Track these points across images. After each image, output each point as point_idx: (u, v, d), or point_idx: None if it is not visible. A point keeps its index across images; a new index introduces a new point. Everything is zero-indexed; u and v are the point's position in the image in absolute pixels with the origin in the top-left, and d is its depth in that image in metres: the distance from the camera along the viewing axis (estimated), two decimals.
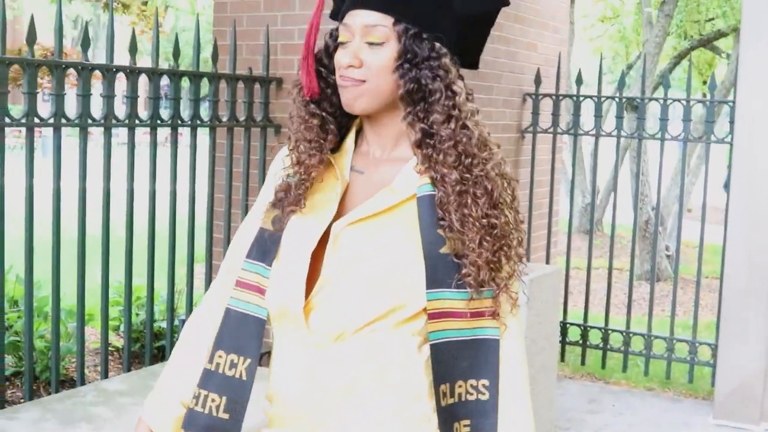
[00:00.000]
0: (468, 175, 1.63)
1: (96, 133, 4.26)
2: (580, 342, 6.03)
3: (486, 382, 1.61)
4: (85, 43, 3.99)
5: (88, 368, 5.32)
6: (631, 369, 6.12)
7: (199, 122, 4.56)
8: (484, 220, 1.60)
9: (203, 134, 4.82)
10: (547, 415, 4.70)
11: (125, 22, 11.97)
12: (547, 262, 6.00)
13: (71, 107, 3.96)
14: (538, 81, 6.11)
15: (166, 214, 4.45)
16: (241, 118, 4.84)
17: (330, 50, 1.70)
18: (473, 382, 1.60)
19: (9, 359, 5.14)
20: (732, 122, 5.32)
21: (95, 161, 4.03)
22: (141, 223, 4.31)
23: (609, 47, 16.28)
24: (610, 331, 5.95)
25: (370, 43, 1.62)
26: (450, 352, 1.59)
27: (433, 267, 1.59)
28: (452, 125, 1.65)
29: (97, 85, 4.10)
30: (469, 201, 1.61)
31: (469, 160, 1.65)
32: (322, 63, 1.72)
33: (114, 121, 4.10)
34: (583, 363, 6.06)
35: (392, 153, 1.71)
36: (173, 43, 4.47)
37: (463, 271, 1.58)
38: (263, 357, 4.90)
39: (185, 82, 4.60)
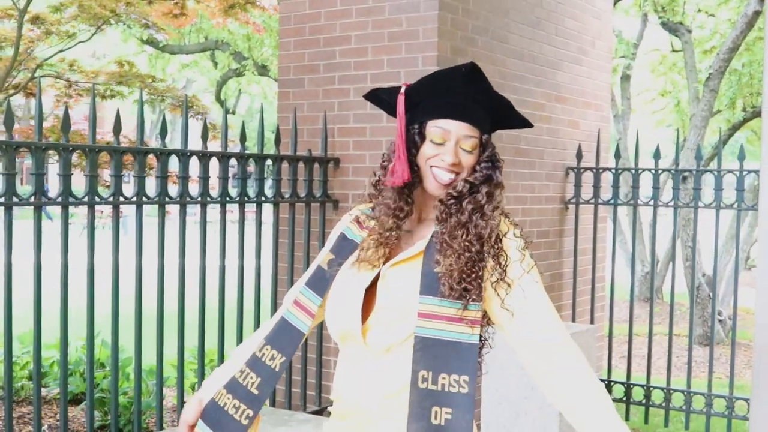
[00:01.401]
0: (472, 221, 2.14)
1: (173, 212, 4.80)
2: (624, 399, 6.38)
3: (466, 377, 2.07)
4: (163, 131, 4.58)
5: (165, 423, 5.83)
6: (674, 425, 6.43)
7: (263, 199, 5.11)
8: (457, 246, 2.10)
9: (266, 209, 5.36)
10: None
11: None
12: (592, 324, 6.38)
13: (150, 188, 4.54)
14: (579, 155, 6.56)
15: (234, 282, 4.98)
16: (302, 195, 5.38)
17: (418, 145, 2.21)
18: (458, 377, 2.06)
19: (95, 413, 5.69)
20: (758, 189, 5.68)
21: (172, 237, 4.57)
22: (212, 287, 4.83)
23: (672, 120, 16.63)
24: (651, 389, 6.29)
25: (466, 149, 2.17)
26: (431, 346, 2.07)
27: (426, 280, 2.11)
28: (486, 196, 2.18)
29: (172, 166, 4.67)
30: (463, 232, 2.13)
31: (482, 215, 2.16)
32: (411, 153, 2.22)
33: (188, 199, 4.66)
34: (627, 419, 6.39)
35: (429, 215, 2.25)
36: (240, 128, 5.05)
37: (442, 280, 2.09)
38: (324, 411, 5.33)
39: (251, 164, 5.15)
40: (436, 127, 2.17)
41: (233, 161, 4.97)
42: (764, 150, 5.50)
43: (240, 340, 5.07)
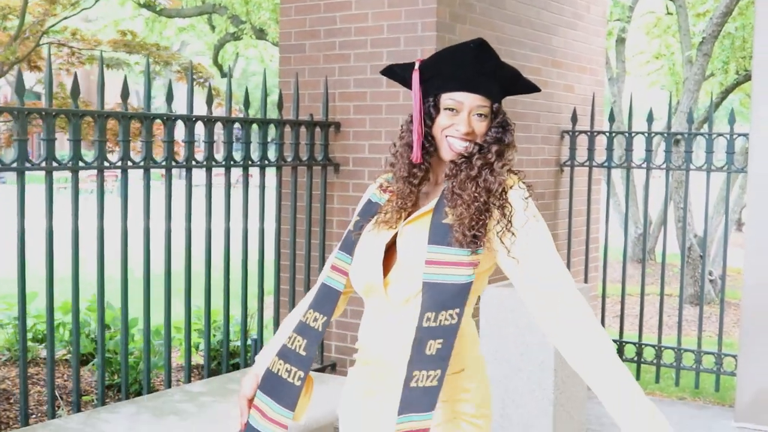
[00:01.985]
0: (481, 175, 2.31)
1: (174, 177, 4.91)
2: None
3: (457, 310, 2.24)
4: (169, 97, 4.69)
5: (173, 382, 5.98)
6: (664, 381, 6.63)
7: (267, 162, 5.23)
8: (467, 196, 2.27)
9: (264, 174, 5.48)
10: (578, 418, 5.23)
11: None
12: (586, 283, 6.55)
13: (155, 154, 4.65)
14: (574, 119, 6.69)
15: (239, 243, 5.11)
16: (304, 158, 5.51)
17: (433, 117, 2.38)
18: (451, 311, 2.24)
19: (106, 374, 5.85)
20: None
21: (178, 201, 4.70)
22: (218, 253, 4.97)
23: (666, 83, 16.76)
24: (643, 346, 6.48)
25: (479, 115, 2.34)
26: (437, 290, 2.25)
27: (435, 230, 2.30)
28: (496, 155, 2.35)
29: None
30: (472, 185, 2.30)
31: (490, 169, 2.33)
32: (426, 124, 2.40)
33: (194, 163, 4.79)
34: None
35: (442, 177, 2.42)
36: (244, 94, 5.17)
37: (454, 228, 2.27)
38: (326, 369, 5.48)
39: (255, 128, 5.27)
40: (450, 99, 2.34)
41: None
42: (754, 114, 5.65)
43: (245, 300, 5.22)
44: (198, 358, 6.53)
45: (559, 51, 6.70)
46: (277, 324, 5.54)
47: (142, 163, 4.53)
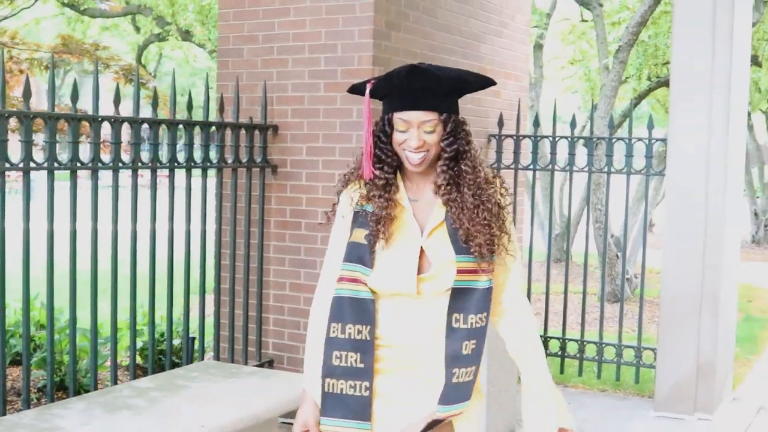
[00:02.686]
0: (477, 199, 2.61)
1: (122, 177, 5.01)
2: None
3: (485, 314, 2.58)
4: (117, 100, 4.79)
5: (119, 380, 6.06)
6: (587, 374, 6.94)
7: (209, 164, 5.37)
8: (480, 226, 2.59)
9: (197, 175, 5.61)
10: (509, 409, 5.49)
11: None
12: None
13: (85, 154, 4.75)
14: (501, 123, 6.96)
15: (182, 245, 5.23)
16: (244, 160, 5.66)
17: (388, 133, 2.65)
18: (480, 315, 2.57)
19: (42, 373, 5.90)
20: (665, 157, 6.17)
21: (121, 202, 4.82)
22: (162, 253, 5.08)
23: (580, 87, 17.25)
24: (567, 341, 6.79)
25: (427, 131, 2.59)
26: (463, 294, 2.57)
27: (456, 244, 2.60)
28: (471, 170, 2.66)
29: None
30: (477, 212, 2.61)
31: (480, 190, 2.63)
32: (382, 140, 2.67)
33: (140, 164, 4.90)
34: None
35: (427, 185, 2.69)
36: (188, 98, 5.29)
37: (472, 249, 2.57)
38: (264, 365, 5.58)
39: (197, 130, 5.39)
40: (399, 119, 2.62)
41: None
42: (671, 123, 5.98)
43: (188, 299, 5.34)
44: (139, 359, 6.60)
45: (487, 58, 6.96)
46: (218, 322, 5.68)
47: (90, 165, 4.63)
